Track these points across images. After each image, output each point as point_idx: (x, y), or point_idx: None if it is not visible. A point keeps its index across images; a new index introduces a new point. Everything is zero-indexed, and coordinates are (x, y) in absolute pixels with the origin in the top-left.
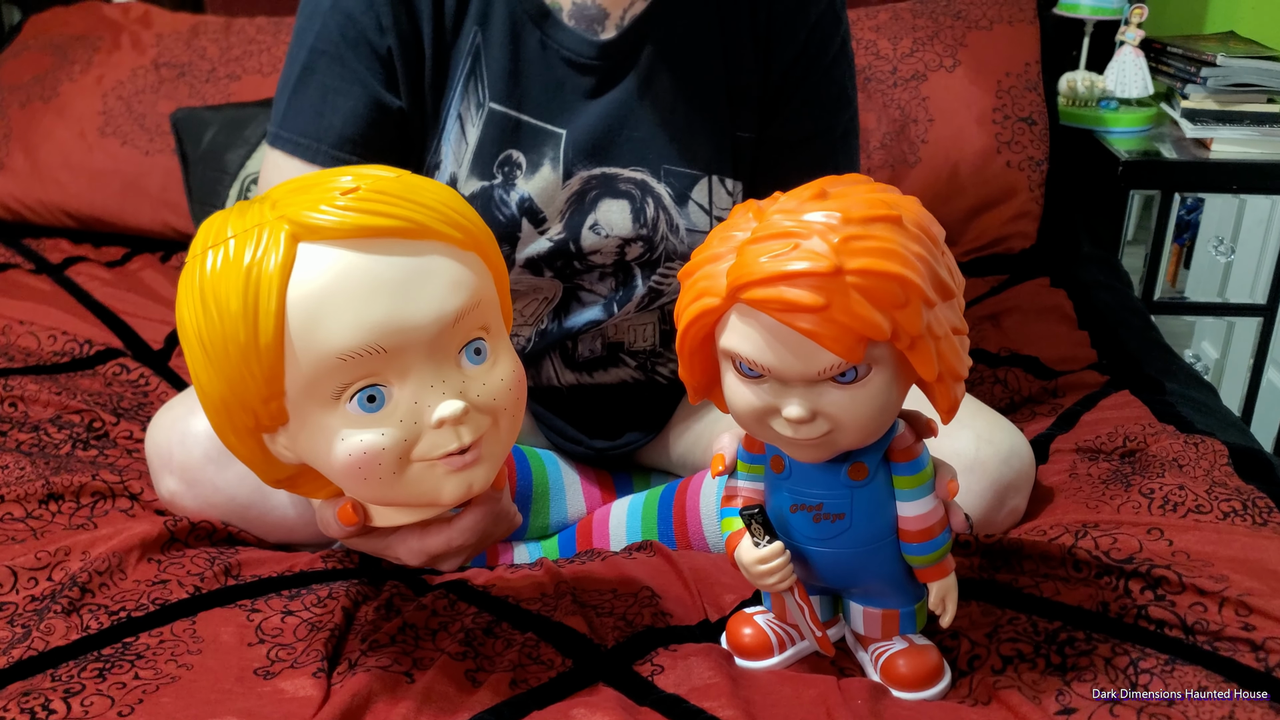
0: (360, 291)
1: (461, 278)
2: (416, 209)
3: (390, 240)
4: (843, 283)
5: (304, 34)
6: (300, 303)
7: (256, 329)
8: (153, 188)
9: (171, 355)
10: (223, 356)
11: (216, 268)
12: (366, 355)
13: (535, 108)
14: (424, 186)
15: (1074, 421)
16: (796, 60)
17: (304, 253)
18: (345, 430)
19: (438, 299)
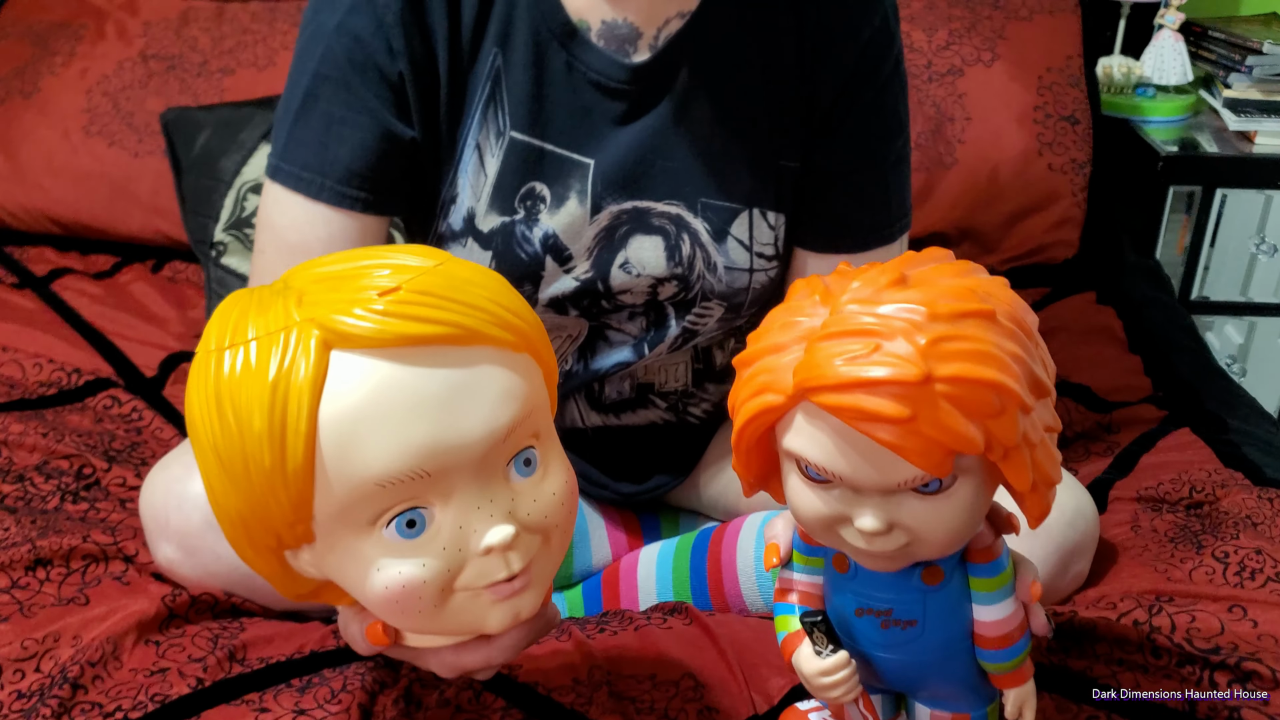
0: (401, 409)
1: (513, 386)
2: (464, 311)
3: (434, 349)
4: (931, 392)
5: (306, 57)
6: (334, 422)
7: (284, 453)
8: (143, 192)
9: (165, 384)
10: (243, 476)
11: (236, 374)
12: (408, 480)
13: (560, 136)
14: (471, 280)
15: (1133, 464)
16: (845, 84)
17: (337, 363)
18: (382, 560)
19: (487, 413)
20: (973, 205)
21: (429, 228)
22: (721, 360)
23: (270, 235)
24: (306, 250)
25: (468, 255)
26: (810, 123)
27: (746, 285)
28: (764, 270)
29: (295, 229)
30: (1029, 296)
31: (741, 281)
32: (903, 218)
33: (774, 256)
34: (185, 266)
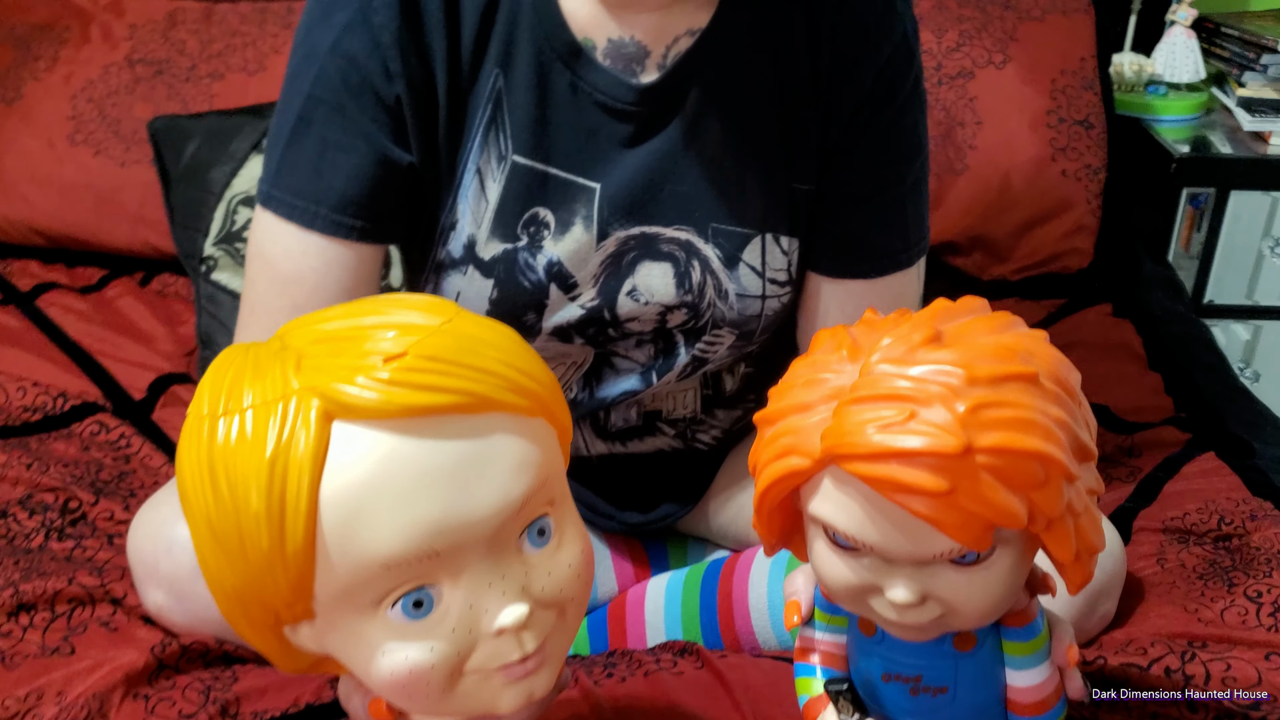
0: (408, 485)
1: (528, 455)
2: (475, 376)
3: (443, 418)
4: (971, 463)
5: (299, 78)
6: (337, 500)
7: (283, 534)
8: (130, 203)
9: (155, 407)
10: (239, 553)
11: (231, 445)
12: (415, 561)
13: (565, 159)
14: (482, 340)
15: (1156, 491)
16: (862, 105)
17: (339, 436)
18: (387, 643)
19: (501, 486)
20: (984, 213)
21: (428, 255)
22: (731, 386)
23: (262, 265)
24: (300, 281)
25: (468, 283)
26: (825, 144)
27: (759, 312)
28: (777, 297)
29: (288, 259)
30: (1043, 308)
31: (754, 309)
32: (920, 241)
33: (787, 282)
34: (175, 279)
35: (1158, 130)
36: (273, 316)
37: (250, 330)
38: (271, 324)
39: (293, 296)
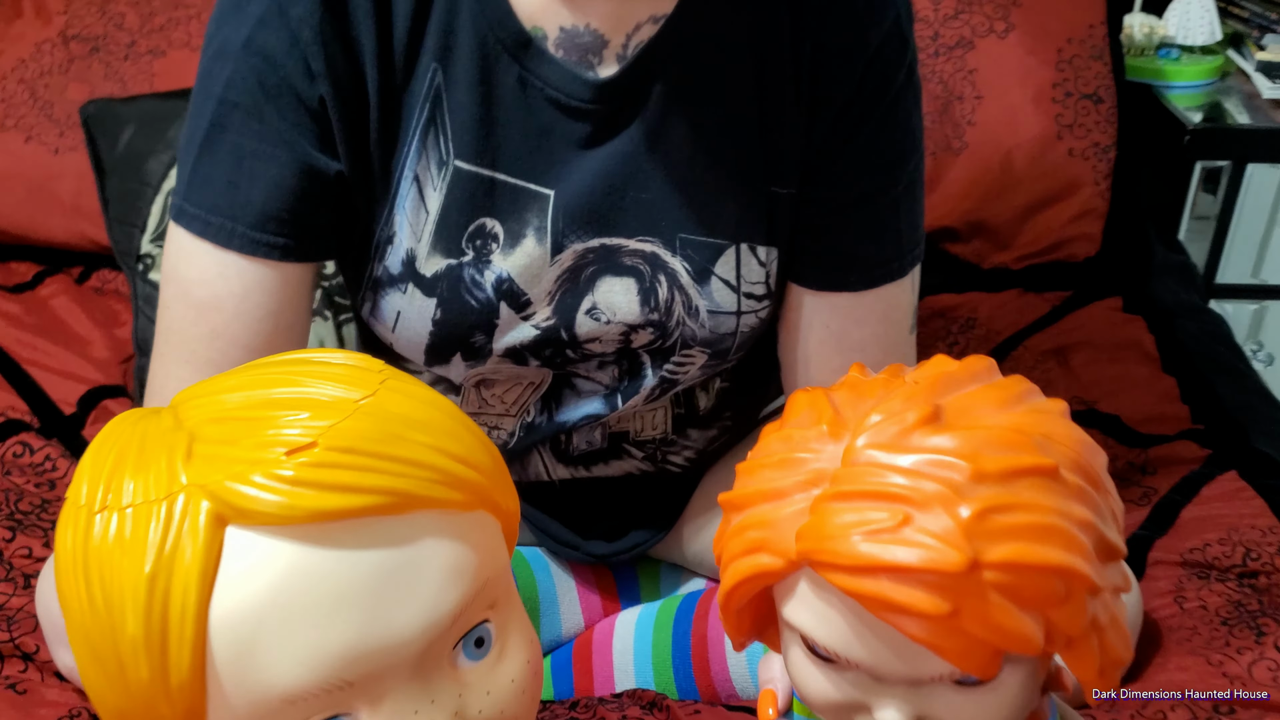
0: (316, 605)
1: (462, 559)
2: (398, 471)
3: (360, 523)
4: (978, 581)
5: (211, 79)
6: (229, 624)
7: (165, 665)
8: (65, 193)
9: (86, 422)
10: (118, 677)
11: (107, 549)
12: (324, 693)
13: (514, 164)
14: (410, 422)
15: (1173, 517)
16: (851, 101)
17: (234, 544)
18: None
19: (429, 601)
20: (984, 196)
21: (363, 272)
22: (706, 404)
23: (176, 290)
24: (218, 307)
25: (409, 303)
26: (809, 145)
27: (734, 330)
28: (754, 312)
29: (204, 284)
30: (1047, 301)
31: (727, 326)
32: (914, 248)
33: (765, 296)
34: (114, 276)
35: (1169, 98)
36: (189, 346)
37: (166, 361)
38: (189, 353)
39: (210, 324)
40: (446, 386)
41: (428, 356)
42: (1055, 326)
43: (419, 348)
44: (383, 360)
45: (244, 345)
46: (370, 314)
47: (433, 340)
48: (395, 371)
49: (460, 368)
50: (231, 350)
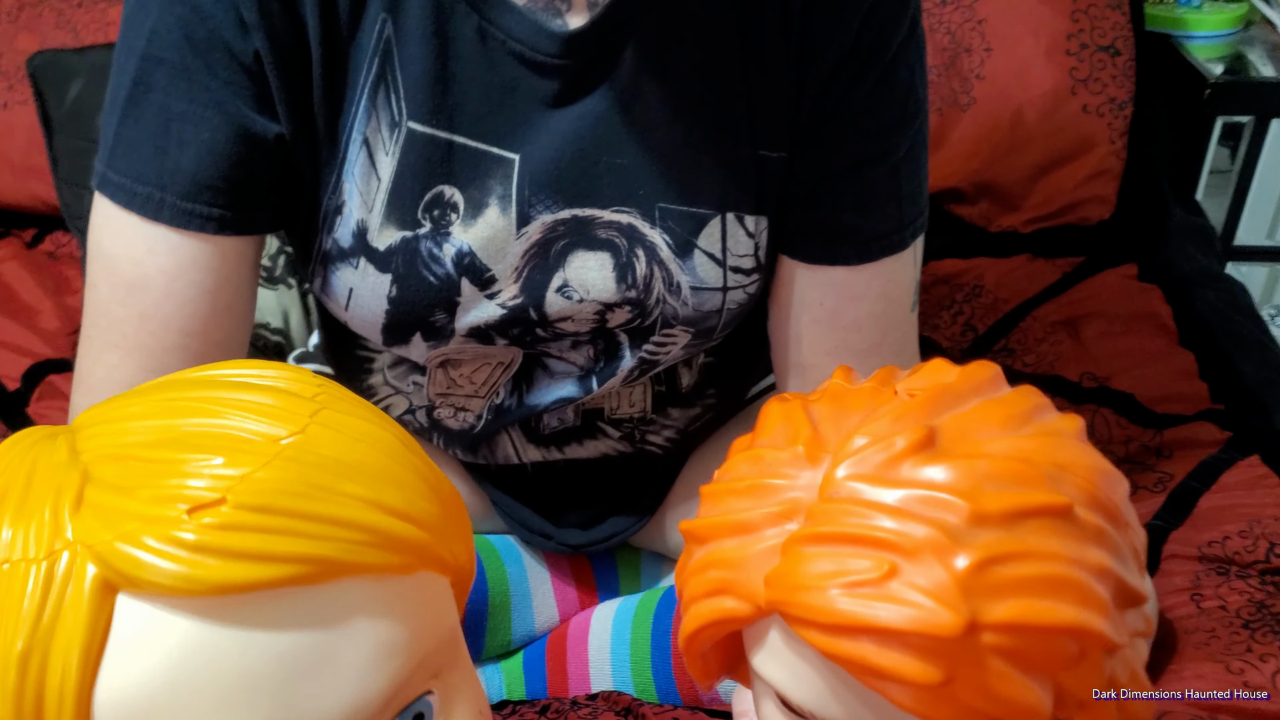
0: (218, 692)
1: (396, 633)
2: (322, 532)
3: (273, 594)
4: (976, 645)
5: (132, 30)
6: (114, 711)
7: None
8: (13, 150)
9: (30, 399)
10: None
11: None
12: None
13: (474, 125)
14: (340, 467)
15: (1190, 506)
16: (846, 58)
17: (124, 617)
18: None
19: (353, 684)
20: (992, 154)
21: (311, 244)
22: (689, 381)
23: (102, 267)
24: (147, 286)
25: (361, 279)
26: (800, 104)
27: (719, 307)
28: (741, 287)
29: (132, 260)
30: (1058, 268)
31: (713, 303)
32: (917, 218)
33: (754, 269)
34: (68, 239)
35: (1189, 49)
36: (118, 329)
37: (94, 345)
38: (118, 337)
39: (140, 304)
40: (410, 366)
41: (385, 336)
42: (1066, 295)
43: (375, 327)
44: (344, 342)
45: (178, 328)
46: (321, 290)
47: (389, 319)
48: (332, 395)
49: (421, 348)
50: (164, 334)
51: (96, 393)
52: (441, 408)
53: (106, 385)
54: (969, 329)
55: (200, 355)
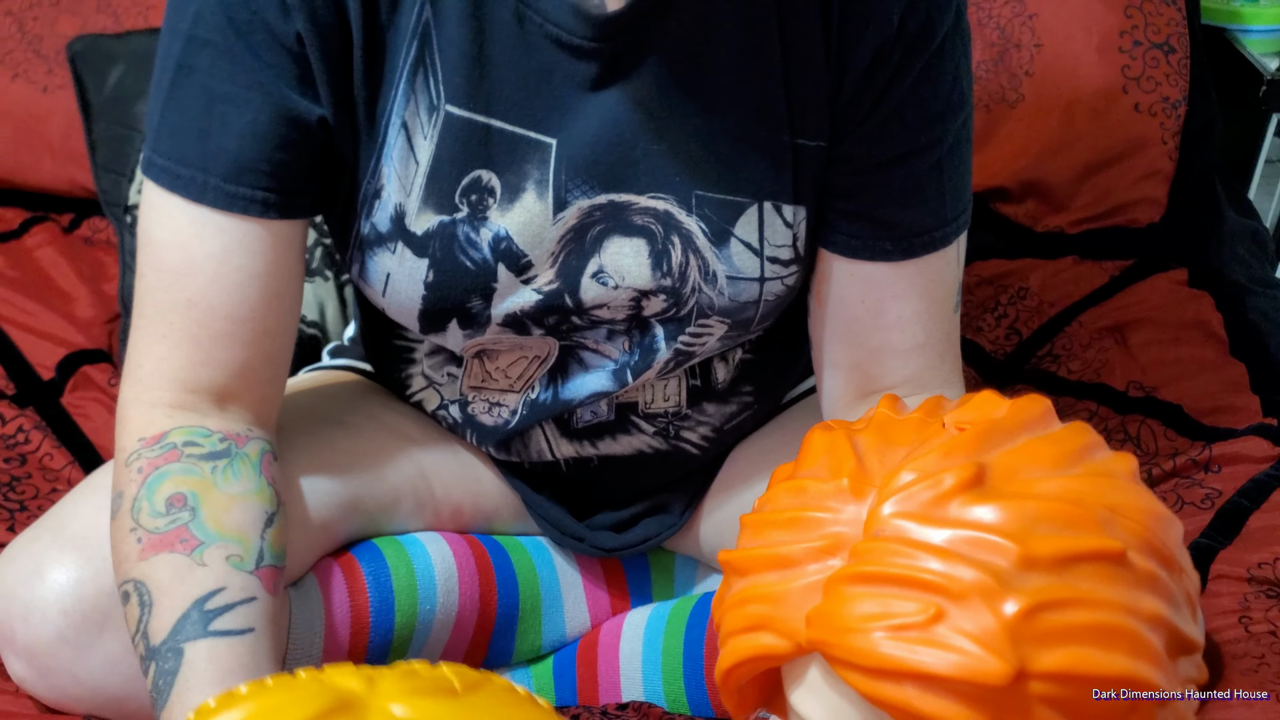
0: None
1: None
2: None
3: None
4: (1024, 694)
5: (177, 14)
6: None
7: None
8: (54, 134)
9: (64, 389)
10: None
11: None
12: None
13: (511, 109)
14: None
15: (1239, 525)
16: (889, 46)
17: None
18: None
19: None
20: (1040, 153)
21: (350, 229)
22: (724, 376)
23: (151, 254)
24: (194, 273)
25: (398, 264)
26: (840, 91)
27: (756, 298)
28: (779, 279)
29: (179, 245)
30: (1105, 271)
31: (749, 293)
32: (960, 215)
33: (792, 260)
34: (105, 225)
35: (1244, 43)
36: (165, 318)
37: (142, 336)
38: (166, 326)
39: (186, 291)
40: (447, 357)
41: (421, 323)
42: (1113, 300)
43: (411, 314)
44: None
45: (225, 315)
46: (359, 276)
47: (426, 305)
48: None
49: (458, 336)
50: (212, 321)
51: (145, 386)
52: (476, 402)
53: (155, 378)
54: (1013, 333)
55: (250, 344)
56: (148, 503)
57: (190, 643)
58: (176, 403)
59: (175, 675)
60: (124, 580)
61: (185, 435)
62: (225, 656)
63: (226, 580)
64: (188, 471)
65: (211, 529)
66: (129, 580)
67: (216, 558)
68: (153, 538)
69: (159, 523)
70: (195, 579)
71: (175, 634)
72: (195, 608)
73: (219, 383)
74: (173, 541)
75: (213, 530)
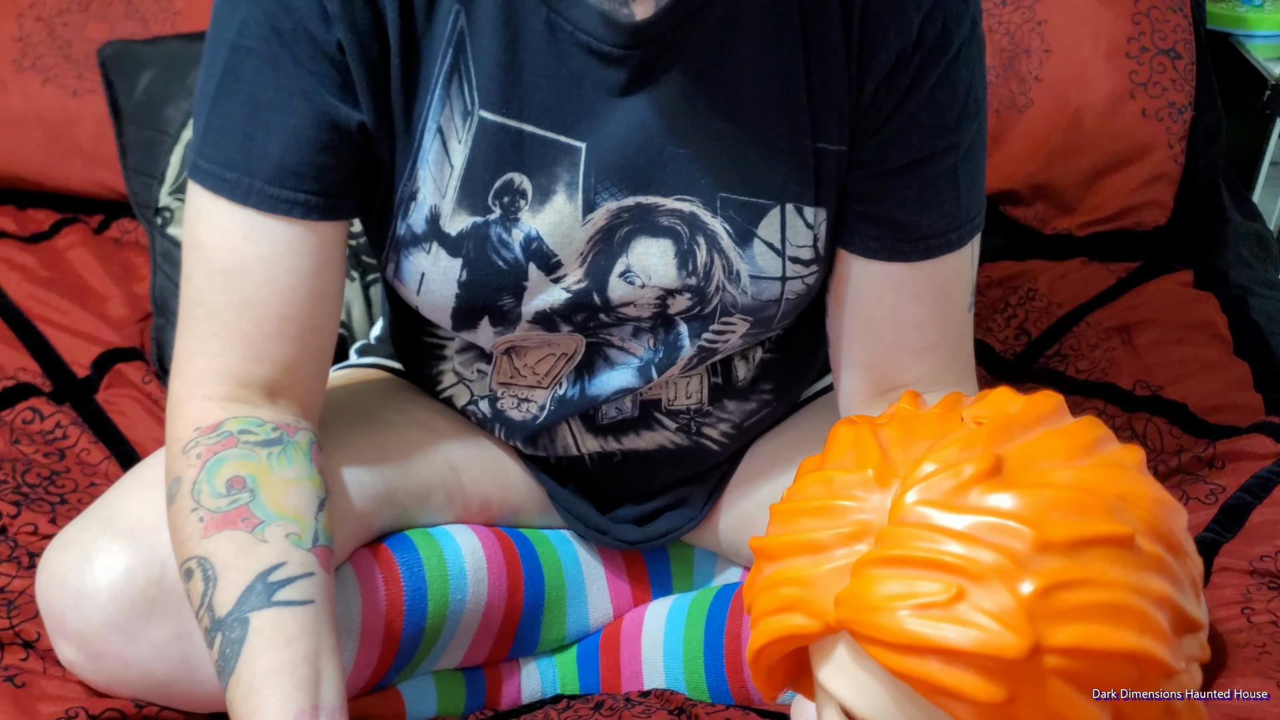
0: None
1: None
2: None
3: None
4: (1039, 667)
5: (223, 24)
6: None
7: None
8: (83, 138)
9: (99, 386)
10: None
11: None
12: None
13: (543, 114)
14: None
15: (1242, 519)
16: (907, 54)
17: None
18: None
19: None
20: (1049, 157)
21: (386, 231)
22: (745, 374)
23: (200, 257)
24: (246, 273)
25: (433, 264)
26: (860, 98)
27: (778, 296)
28: (800, 278)
29: (228, 248)
30: (1113, 273)
31: (771, 292)
32: (975, 217)
33: (813, 260)
34: (135, 226)
35: (1249, 48)
36: (218, 317)
37: (193, 336)
38: (218, 325)
39: (240, 292)
40: (477, 354)
41: (454, 321)
42: (1120, 301)
43: (445, 311)
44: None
45: (277, 313)
46: (394, 276)
47: (459, 304)
48: None
49: (489, 333)
50: (264, 320)
51: (198, 381)
52: (505, 398)
53: (207, 374)
54: (1022, 333)
55: (298, 340)
56: (208, 485)
57: (255, 612)
58: (230, 395)
59: (242, 644)
60: (187, 558)
61: (240, 424)
62: (289, 625)
63: (287, 555)
64: (244, 456)
65: (270, 509)
66: (192, 557)
67: (277, 535)
68: (215, 517)
69: (220, 503)
70: (258, 554)
71: (240, 605)
72: (259, 580)
73: (270, 377)
74: (234, 520)
75: (272, 510)
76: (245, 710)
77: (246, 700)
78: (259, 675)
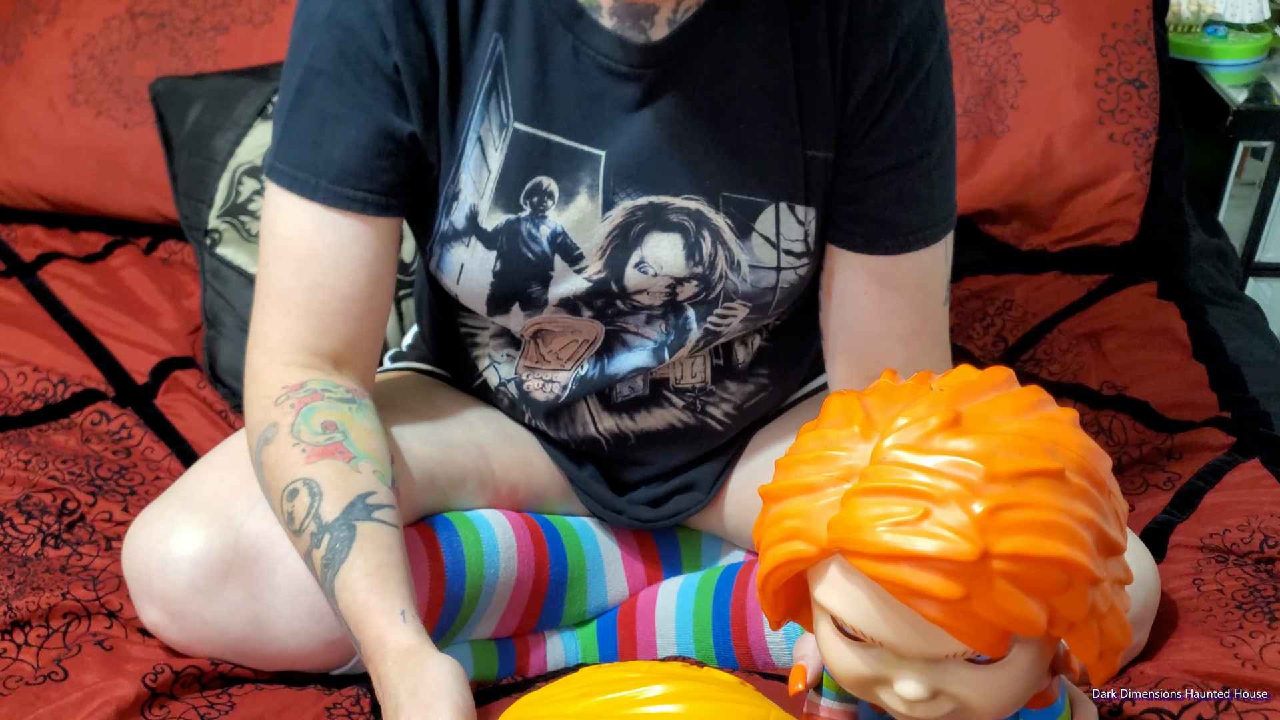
0: None
1: None
2: None
3: None
4: (988, 570)
5: (299, 50)
6: None
7: None
8: (133, 166)
9: (158, 392)
10: None
11: None
12: None
13: (568, 127)
14: None
15: (1195, 502)
16: (884, 75)
17: None
18: None
19: None
20: (1024, 179)
21: (430, 226)
22: (744, 358)
23: (275, 247)
24: (316, 260)
25: (471, 255)
26: (844, 112)
27: (774, 285)
28: (793, 268)
29: (302, 238)
30: (1084, 285)
31: (768, 281)
32: (947, 216)
33: (804, 254)
34: (180, 247)
35: (1214, 76)
36: (290, 298)
37: (268, 314)
38: (290, 305)
39: (310, 275)
40: (507, 339)
41: (489, 306)
42: (1090, 310)
43: (481, 298)
44: (451, 323)
45: (342, 295)
46: (437, 267)
47: (493, 291)
48: None
49: (519, 317)
50: (331, 300)
51: (276, 351)
52: (530, 380)
53: (284, 345)
54: (1000, 340)
55: (359, 320)
56: (306, 425)
57: (360, 521)
58: (305, 363)
59: (351, 542)
60: (292, 480)
61: (320, 384)
62: (386, 537)
63: (377, 486)
64: (331, 407)
65: (360, 448)
66: (297, 479)
67: (367, 469)
68: (315, 449)
69: (319, 439)
70: (355, 480)
71: (347, 514)
72: (359, 499)
73: (336, 350)
74: (333, 452)
75: (361, 449)
76: (366, 586)
77: (365, 579)
78: (373, 564)
